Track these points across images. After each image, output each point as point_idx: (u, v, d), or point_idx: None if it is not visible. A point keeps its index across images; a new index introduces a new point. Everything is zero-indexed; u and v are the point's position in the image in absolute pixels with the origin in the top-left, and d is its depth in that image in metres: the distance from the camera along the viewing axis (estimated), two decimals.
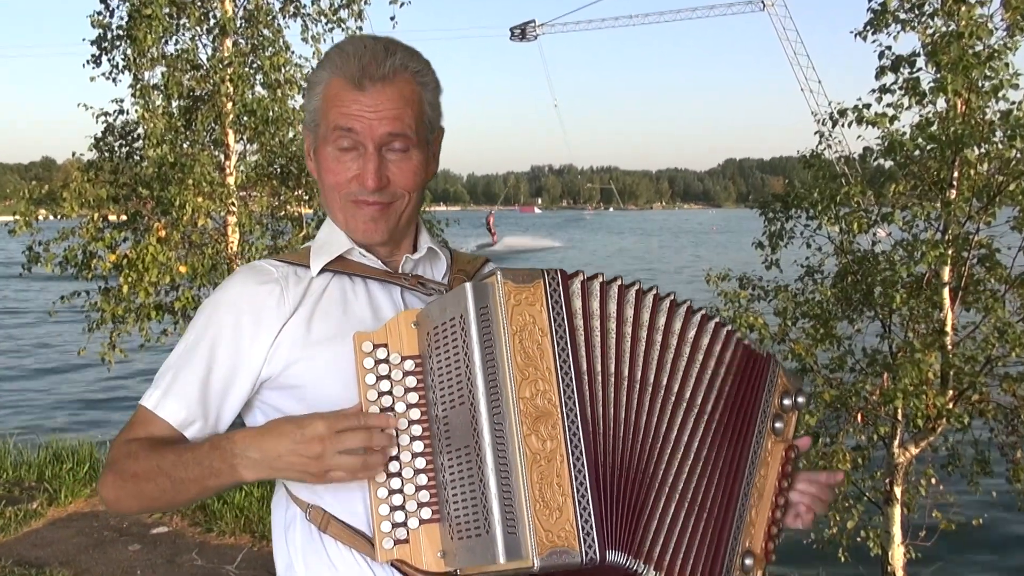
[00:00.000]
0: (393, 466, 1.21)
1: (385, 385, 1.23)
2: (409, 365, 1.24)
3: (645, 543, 1.18)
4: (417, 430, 1.22)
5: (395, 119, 1.29)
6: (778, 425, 1.36)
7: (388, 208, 1.34)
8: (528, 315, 1.14)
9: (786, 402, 1.38)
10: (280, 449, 1.17)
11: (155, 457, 1.25)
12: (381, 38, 1.34)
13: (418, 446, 1.22)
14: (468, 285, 1.15)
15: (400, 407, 1.23)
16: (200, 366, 1.30)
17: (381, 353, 1.23)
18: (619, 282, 1.23)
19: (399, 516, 1.21)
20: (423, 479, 1.21)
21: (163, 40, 6.65)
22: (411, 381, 1.23)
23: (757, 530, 1.32)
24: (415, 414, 1.22)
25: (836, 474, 1.46)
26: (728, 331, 1.32)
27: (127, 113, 6.94)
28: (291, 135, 7.08)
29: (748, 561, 1.30)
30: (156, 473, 1.24)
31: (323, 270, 1.36)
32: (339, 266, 1.37)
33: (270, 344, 1.30)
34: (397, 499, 1.21)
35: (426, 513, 1.21)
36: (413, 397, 1.23)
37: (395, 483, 1.21)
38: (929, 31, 5.72)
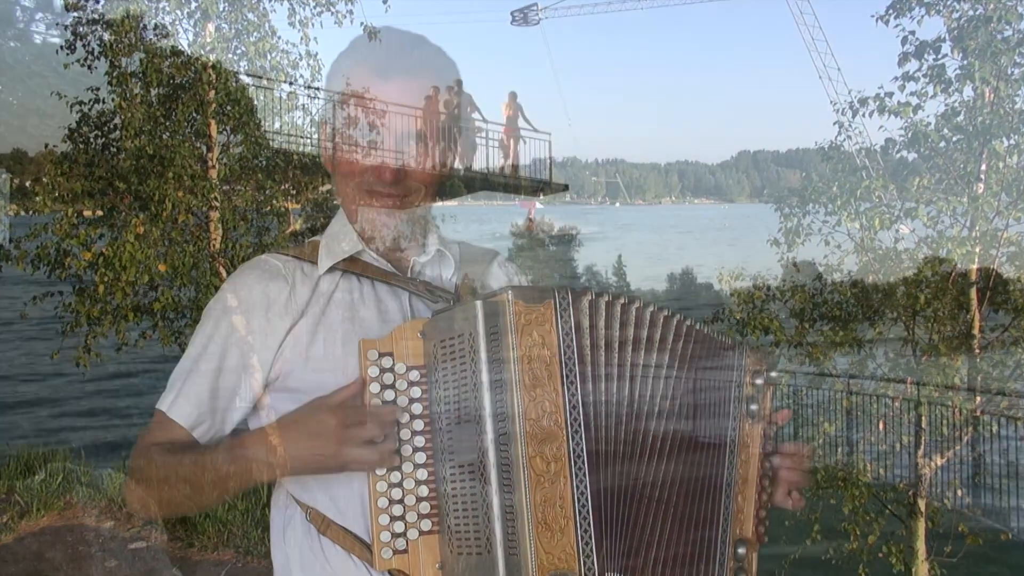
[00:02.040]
0: (394, 476, 1.26)
1: (390, 394, 1.28)
2: (414, 375, 1.28)
3: (640, 562, 1.25)
4: (420, 441, 1.27)
5: (417, 115, 1.36)
6: (753, 407, 1.43)
7: (402, 201, 1.40)
8: (537, 335, 1.19)
9: (758, 382, 1.45)
10: (295, 451, 1.24)
11: (173, 464, 1.33)
12: (408, 32, 1.41)
13: (420, 457, 1.27)
14: (478, 303, 1.20)
15: (404, 417, 1.28)
16: (210, 368, 1.37)
17: (387, 362, 1.28)
18: (622, 300, 1.29)
19: (399, 526, 1.26)
20: (424, 490, 1.27)
21: (142, 25, 6.67)
22: (416, 392, 1.28)
23: (746, 516, 1.40)
24: (418, 425, 1.28)
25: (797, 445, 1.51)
26: (706, 335, 1.40)
27: (103, 102, 6.94)
28: (277, 125, 7.11)
29: (741, 550, 1.37)
30: (176, 480, 1.33)
31: (331, 268, 1.41)
32: (347, 265, 1.43)
33: (278, 346, 1.36)
34: (398, 509, 1.26)
35: (426, 525, 1.26)
36: (417, 408, 1.28)
37: (396, 493, 1.26)
38: (955, 15, 5.75)
